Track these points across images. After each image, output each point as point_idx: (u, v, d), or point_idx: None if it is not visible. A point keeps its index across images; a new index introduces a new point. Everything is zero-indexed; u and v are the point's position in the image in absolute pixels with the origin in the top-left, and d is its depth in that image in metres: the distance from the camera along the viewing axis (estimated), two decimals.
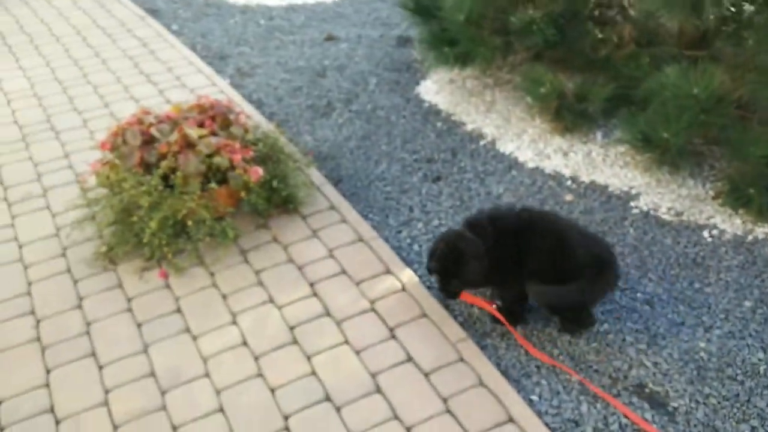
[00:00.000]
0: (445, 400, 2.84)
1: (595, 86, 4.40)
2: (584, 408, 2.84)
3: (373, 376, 2.96)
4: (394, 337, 3.16)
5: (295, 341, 3.15)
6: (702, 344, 3.13)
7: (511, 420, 2.76)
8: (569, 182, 4.29)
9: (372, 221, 4.00)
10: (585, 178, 4.32)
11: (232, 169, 3.54)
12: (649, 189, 4.18)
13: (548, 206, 4.09)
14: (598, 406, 2.85)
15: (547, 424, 2.76)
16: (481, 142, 4.74)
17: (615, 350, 3.12)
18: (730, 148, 3.82)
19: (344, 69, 5.84)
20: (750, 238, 3.75)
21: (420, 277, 3.55)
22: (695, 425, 2.76)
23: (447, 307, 3.37)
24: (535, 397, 2.91)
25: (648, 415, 2.80)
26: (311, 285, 3.47)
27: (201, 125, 3.70)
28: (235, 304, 3.36)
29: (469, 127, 4.93)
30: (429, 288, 3.48)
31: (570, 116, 4.56)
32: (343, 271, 3.55)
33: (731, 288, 3.43)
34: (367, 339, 3.14)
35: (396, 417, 2.78)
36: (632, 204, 4.06)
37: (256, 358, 3.06)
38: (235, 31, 6.74)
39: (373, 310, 3.31)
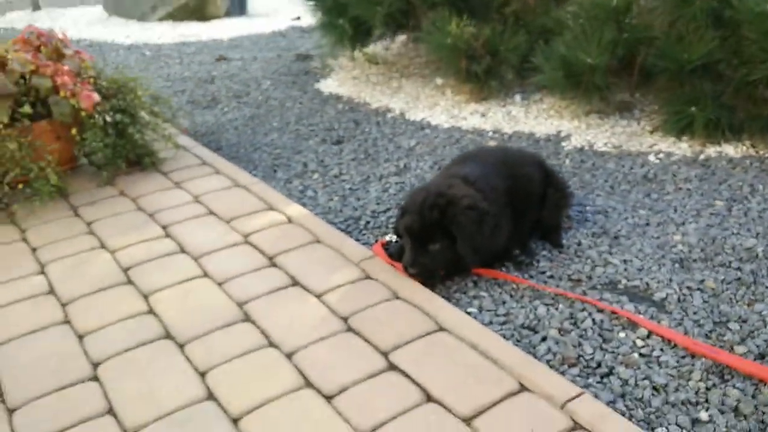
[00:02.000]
0: (345, 319, 1.93)
1: (505, 36, 3.95)
2: (542, 311, 2.00)
3: (241, 305, 2.03)
4: (274, 265, 2.26)
5: (128, 281, 2.19)
6: (677, 237, 2.41)
7: (441, 329, 1.87)
8: (491, 133, 3.69)
9: (256, 176, 3.19)
10: (508, 130, 3.74)
11: (56, 94, 2.70)
12: (579, 131, 3.63)
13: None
14: (561, 306, 2.02)
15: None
16: (389, 115, 4.13)
17: (571, 255, 2.34)
18: (663, 59, 3.34)
19: (235, 77, 5.24)
20: (702, 157, 3.20)
21: (310, 210, 2.73)
22: (695, 312, 1.97)
23: (348, 232, 2.54)
24: (473, 310, 2.04)
25: (629, 308, 1.99)
26: (164, 228, 2.56)
27: None
28: (46, 254, 2.38)
29: (374, 105, 4.34)
30: (324, 218, 2.65)
31: (483, 75, 4.04)
32: (210, 212, 2.68)
33: (695, 193, 2.80)
34: (235, 270, 2.22)
35: (271, 344, 1.84)
36: (563, 144, 3.48)
37: (64, 305, 2.07)
38: (115, 60, 6.08)
39: (247, 242, 2.42)
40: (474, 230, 2.06)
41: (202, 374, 1.72)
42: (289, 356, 1.77)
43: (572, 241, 2.43)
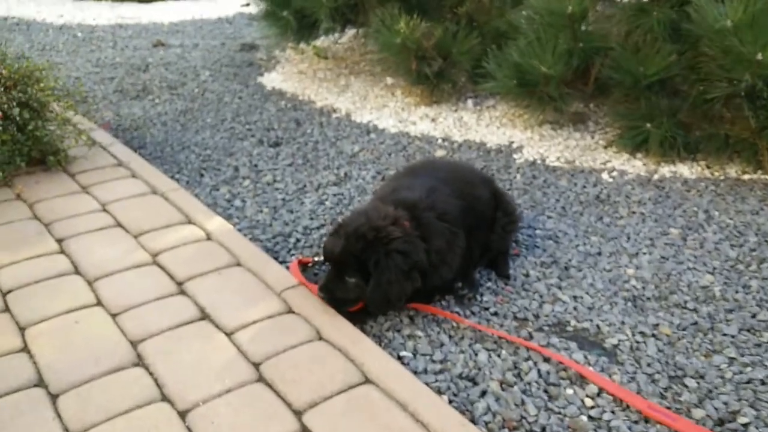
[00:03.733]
0: (257, 365, 1.66)
1: (458, 37, 3.72)
2: (483, 358, 1.78)
3: (135, 344, 1.73)
4: (182, 292, 1.97)
5: (5, 308, 1.87)
6: (630, 271, 2.24)
7: (367, 381, 1.63)
8: (440, 141, 3.46)
9: (180, 181, 2.87)
10: (458, 138, 3.52)
11: None
12: (532, 142, 3.45)
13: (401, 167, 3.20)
14: (503, 353, 1.81)
15: (428, 384, 1.66)
16: (334, 116, 3.85)
17: (518, 288, 2.14)
18: (619, 72, 3.18)
19: (172, 65, 4.84)
20: (656, 176, 3.05)
21: (235, 224, 2.44)
22: (649, 363, 1.79)
23: (275, 252, 2.27)
24: (407, 354, 1.81)
25: (578, 356, 1.79)
26: (59, 241, 2.23)
27: None
28: None
29: (319, 104, 4.05)
30: (251, 233, 2.37)
31: (433, 77, 3.80)
32: (118, 224, 2.35)
33: (649, 219, 2.64)
34: (135, 298, 1.92)
35: (164, 398, 1.55)
36: (515, 156, 3.28)
37: None
38: (44, 41, 5.57)
39: (155, 263, 2.12)
40: (392, 279, 1.79)
41: None
42: (183, 415, 1.50)
43: (520, 271, 2.23)
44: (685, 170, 3.11)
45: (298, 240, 2.40)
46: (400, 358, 1.79)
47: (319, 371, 1.64)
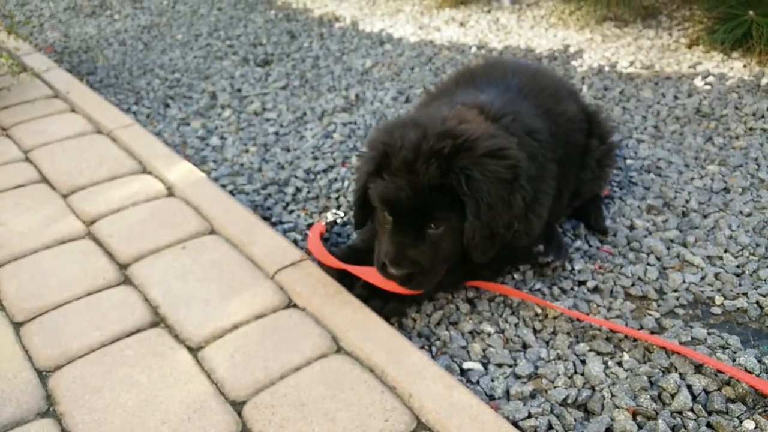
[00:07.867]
0: (238, 409, 1.02)
1: None
2: (594, 368, 1.13)
3: (46, 374, 1.09)
4: (126, 281, 1.31)
5: None
6: None
7: (420, 427, 0.98)
8: (474, 49, 2.70)
9: (138, 114, 2.16)
10: (496, 44, 2.75)
11: None
12: (594, 45, 2.68)
13: (446, 76, 2.46)
14: (626, 357, 1.15)
15: (517, 424, 1.01)
16: (337, 25, 3.07)
17: (622, 248, 1.46)
18: None
19: None
20: (765, 81, 2.30)
21: (210, 172, 1.76)
22: None
23: (267, 208, 1.59)
24: (474, 365, 1.16)
25: (748, 360, 1.13)
26: None
27: None
28: None
29: (317, 12, 3.26)
30: (232, 183, 1.69)
31: None
32: (43, 179, 1.67)
33: None
34: (54, 293, 1.27)
35: None
36: (575, 63, 2.53)
37: None
38: None
39: (88, 236, 1.45)
40: (493, 197, 1.11)
41: None
42: None
43: (620, 221, 1.54)
44: None
45: (298, 189, 1.71)
46: (463, 372, 1.14)
47: (342, 417, 0.99)
